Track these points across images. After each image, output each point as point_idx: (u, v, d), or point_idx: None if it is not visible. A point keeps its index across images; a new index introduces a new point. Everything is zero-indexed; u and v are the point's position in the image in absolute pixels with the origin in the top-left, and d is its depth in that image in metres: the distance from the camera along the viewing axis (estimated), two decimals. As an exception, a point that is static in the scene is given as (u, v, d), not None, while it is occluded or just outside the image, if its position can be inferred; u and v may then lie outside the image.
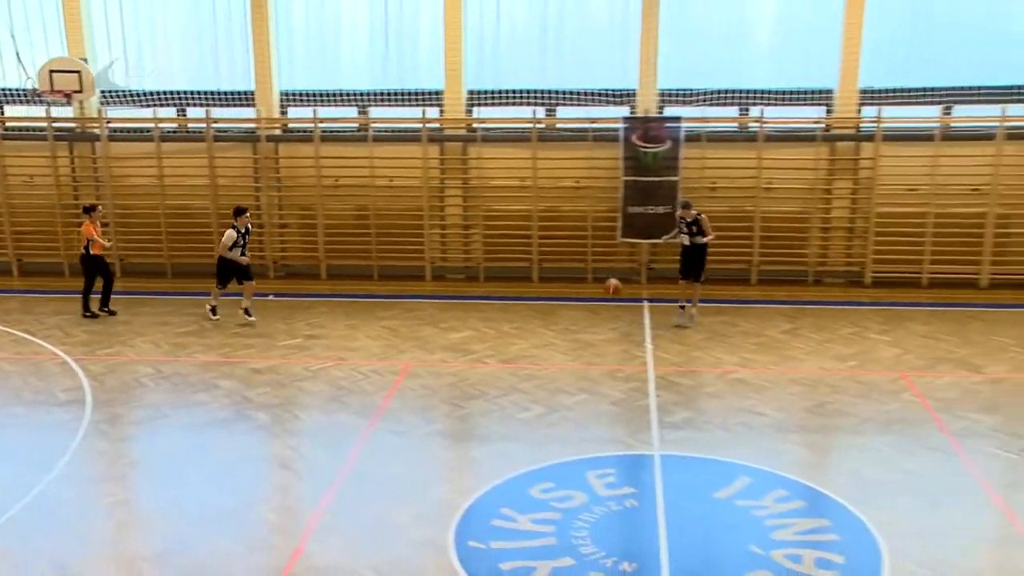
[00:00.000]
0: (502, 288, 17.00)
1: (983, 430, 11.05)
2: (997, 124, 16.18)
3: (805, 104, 16.99)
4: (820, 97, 16.94)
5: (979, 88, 16.47)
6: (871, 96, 16.76)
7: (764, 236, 16.90)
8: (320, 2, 17.76)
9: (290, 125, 18.08)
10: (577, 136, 17.24)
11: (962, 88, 16.52)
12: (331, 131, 17.80)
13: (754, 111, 16.88)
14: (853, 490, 9.66)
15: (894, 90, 16.72)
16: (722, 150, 16.96)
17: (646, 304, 16.11)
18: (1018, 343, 13.84)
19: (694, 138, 16.85)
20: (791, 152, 16.87)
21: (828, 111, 16.92)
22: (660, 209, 16.86)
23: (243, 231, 15.01)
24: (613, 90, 17.19)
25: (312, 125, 17.62)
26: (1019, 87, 16.46)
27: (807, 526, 9.04)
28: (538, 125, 17.24)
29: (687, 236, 14.44)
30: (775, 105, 16.85)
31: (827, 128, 16.84)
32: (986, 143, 16.32)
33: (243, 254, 15.07)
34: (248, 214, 15.12)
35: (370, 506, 9.37)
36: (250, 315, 15.23)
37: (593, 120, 17.18)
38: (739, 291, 16.55)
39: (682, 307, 14.83)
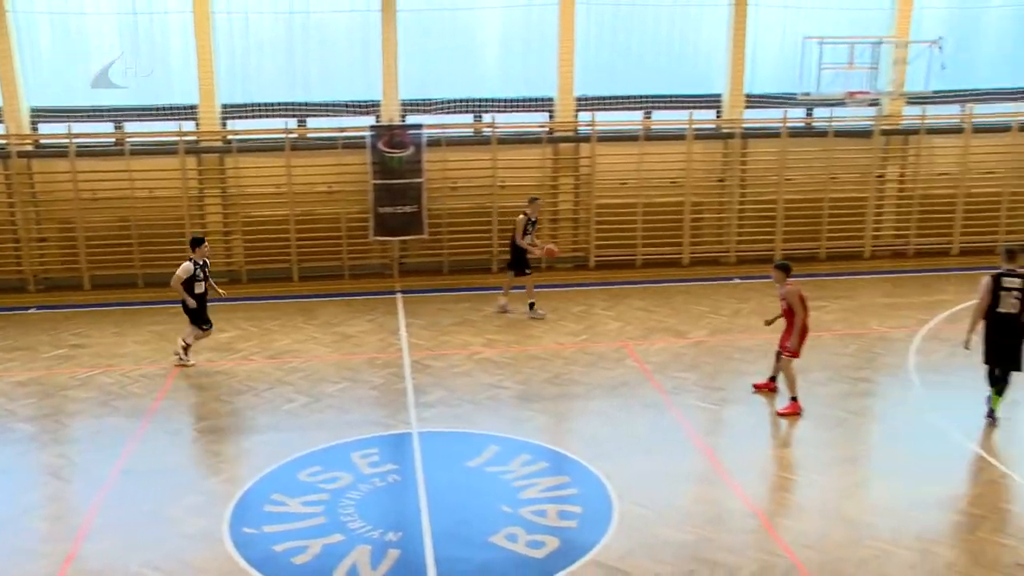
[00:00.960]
0: (265, 288, 16.51)
1: (689, 386, 11.86)
2: (687, 126, 17.34)
3: (530, 110, 17.53)
4: (543, 104, 17.52)
5: (673, 96, 17.57)
6: (586, 103, 17.52)
7: (501, 229, 17.31)
8: (65, 25, 16.46)
9: (43, 141, 16.70)
10: (328, 144, 16.98)
11: (659, 96, 17.57)
12: (87, 146, 16.59)
13: (487, 117, 17.24)
14: (587, 448, 10.11)
15: (605, 97, 17.57)
16: (460, 153, 17.21)
17: (399, 296, 16.10)
18: (712, 311, 14.92)
19: (435, 143, 17.00)
20: (521, 153, 17.37)
21: (550, 116, 17.53)
22: (408, 208, 16.90)
23: (201, 263, 12.45)
24: (359, 101, 17.05)
25: (67, 141, 16.36)
26: (704, 96, 17.70)
27: (549, 484, 9.37)
28: (291, 135, 16.83)
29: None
30: (505, 112, 17.28)
31: (550, 131, 17.45)
32: (679, 142, 17.45)
33: (206, 291, 12.50)
34: (207, 245, 12.61)
35: (143, 504, 8.87)
36: (186, 357, 12.68)
37: (342, 129, 16.97)
38: (483, 279, 16.86)
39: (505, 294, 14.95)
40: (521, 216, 14.55)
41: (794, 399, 10.97)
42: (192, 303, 12.40)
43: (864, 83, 16.58)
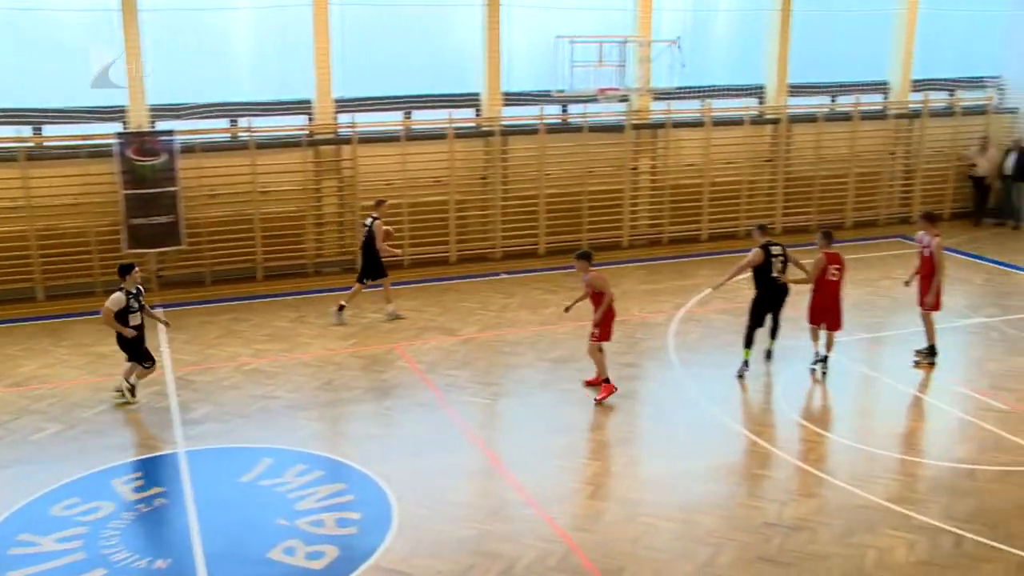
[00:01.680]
0: (5, 311, 15.08)
1: (461, 383, 11.99)
2: (447, 126, 17.52)
3: (289, 113, 17.09)
4: (301, 107, 17.13)
5: (433, 96, 17.70)
6: (345, 104, 17.30)
7: (265, 235, 16.77)
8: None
9: None
10: (70, 154, 15.77)
11: (419, 96, 17.64)
12: None
13: (243, 122, 16.63)
14: (363, 453, 10.00)
15: (364, 99, 17.41)
16: (217, 159, 16.50)
17: (160, 311, 15.25)
18: (482, 307, 15.17)
19: (189, 149, 16.20)
20: (281, 157, 16.88)
21: (309, 119, 17.17)
22: (163, 218, 16.01)
23: (134, 292, 11.09)
24: (103, 107, 15.94)
25: None
26: (463, 95, 17.95)
27: (326, 492, 9.19)
28: (25, 144, 15.49)
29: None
30: (262, 115, 16.74)
31: (310, 134, 17.09)
32: (441, 142, 17.61)
33: (141, 323, 11.09)
34: (138, 270, 11.23)
35: None
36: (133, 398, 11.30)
37: (85, 137, 15.81)
38: (246, 288, 16.27)
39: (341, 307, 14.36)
40: (378, 221, 14.11)
41: (606, 381, 11.35)
42: (130, 333, 10.98)
43: (614, 80, 17.40)
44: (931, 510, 8.80)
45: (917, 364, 12.42)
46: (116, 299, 10.92)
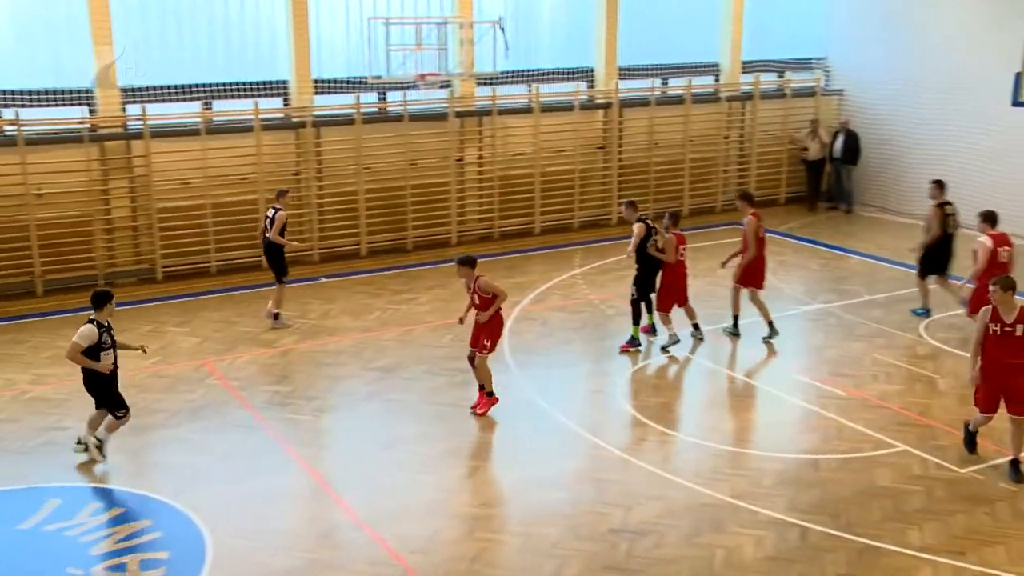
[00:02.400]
0: None
1: (280, 399, 11.72)
2: (252, 117, 17.07)
3: (66, 104, 16.17)
4: (82, 97, 16.26)
5: (235, 84, 17.20)
6: (134, 94, 16.55)
7: (45, 244, 15.84)
8: None
9: None
10: None
11: (220, 84, 17.10)
12: None
13: (8, 112, 15.61)
14: (170, 483, 9.62)
15: (156, 88, 16.71)
16: (-21, 157, 15.46)
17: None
18: (300, 315, 14.87)
19: (-55, 147, 15.11)
20: (59, 155, 15.99)
21: (91, 111, 16.33)
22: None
23: (107, 325, 9.91)
24: None
25: None
26: (270, 82, 17.53)
27: (128, 531, 8.79)
28: None
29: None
30: (33, 106, 15.78)
31: (93, 128, 16.26)
32: (247, 134, 17.14)
33: (116, 363, 9.97)
34: (113, 302, 10.09)
35: None
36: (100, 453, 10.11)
37: None
38: (24, 305, 15.33)
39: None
40: (282, 212, 14.06)
41: (490, 394, 11.30)
42: (105, 368, 9.86)
43: (434, 65, 17.44)
44: (777, 504, 9.26)
45: (767, 340, 13.36)
46: (86, 333, 9.74)
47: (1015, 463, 9.73)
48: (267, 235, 14.23)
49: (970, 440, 10.22)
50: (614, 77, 20.29)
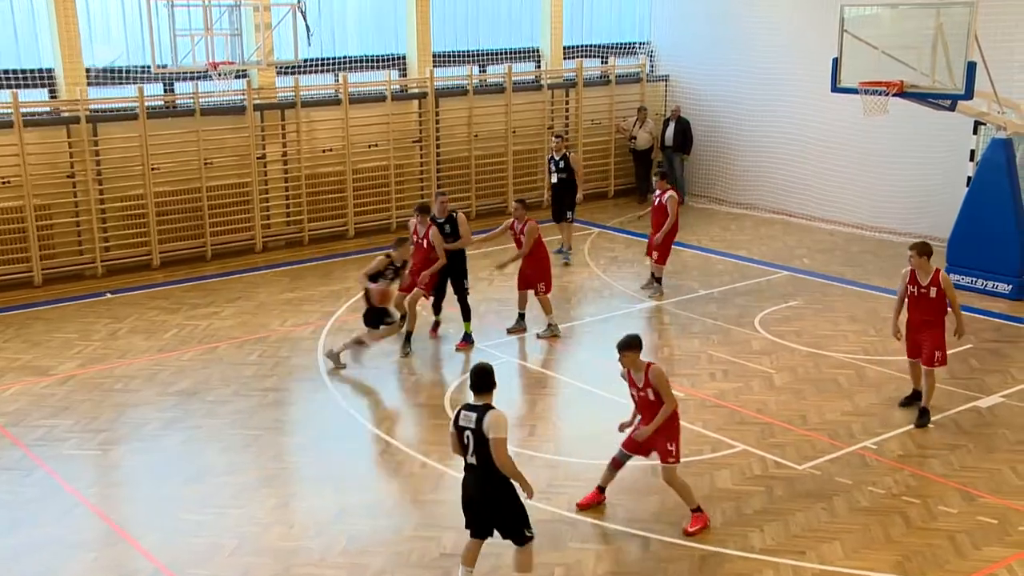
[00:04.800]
0: None
1: (60, 434, 11.17)
2: (11, 110, 16.16)
3: None
4: None
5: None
6: None
7: None
8: None
9: None
10: None
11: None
12: None
13: None
14: (-73, 540, 8.99)
15: None
16: None
17: None
18: (82, 336, 14.23)
19: None
20: None
21: None
22: None
23: None
24: None
25: None
26: (32, 70, 16.70)
27: None
28: None
29: None
30: None
31: None
32: (8, 132, 16.21)
33: None
34: None
35: None
36: None
37: None
38: None
39: None
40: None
41: (698, 509, 9.45)
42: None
43: (227, 52, 17.01)
44: (617, 515, 9.49)
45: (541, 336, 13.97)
46: None
47: (924, 411, 11.37)
48: None
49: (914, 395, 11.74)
50: (428, 64, 20.38)
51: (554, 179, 17.79)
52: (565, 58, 22.46)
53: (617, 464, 9.64)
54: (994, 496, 9.76)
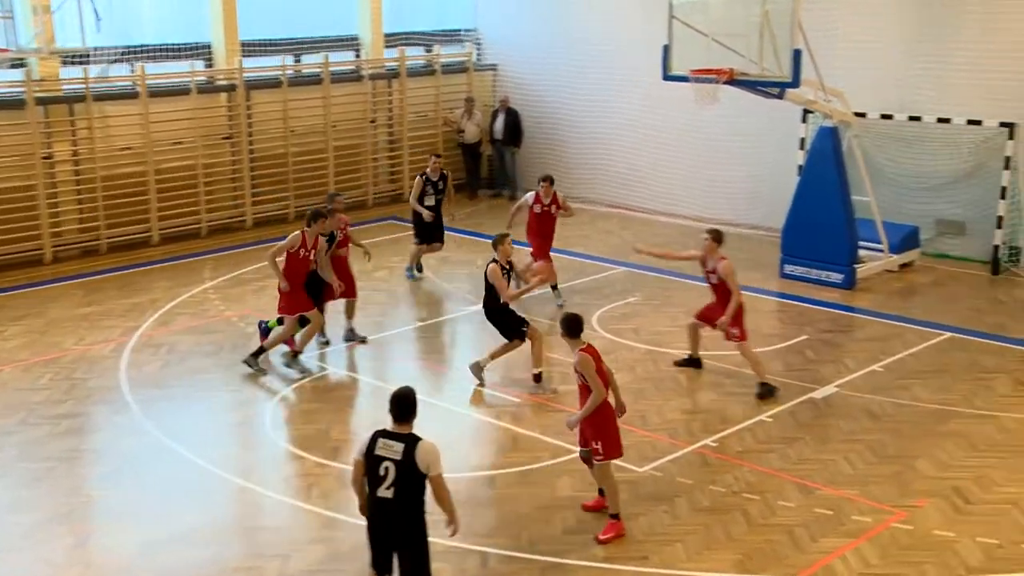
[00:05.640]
0: None
1: None
2: None
3: None
4: None
5: None
6: None
7: None
8: None
9: None
10: None
11: None
12: None
13: None
14: None
15: None
16: None
17: None
18: None
19: None
20: None
21: None
22: None
23: None
24: None
25: None
26: None
27: None
28: None
29: None
30: None
31: None
32: None
33: None
34: None
35: None
36: None
37: None
38: None
39: None
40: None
41: (615, 516, 9.55)
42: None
43: (1, 39, 16.25)
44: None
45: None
46: None
47: (761, 384, 12.31)
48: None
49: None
50: (237, 54, 19.96)
51: (431, 201, 16.76)
52: (386, 46, 22.38)
53: (586, 462, 9.73)
54: (829, 487, 10.22)
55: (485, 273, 12.55)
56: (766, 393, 12.24)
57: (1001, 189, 16.86)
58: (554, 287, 15.70)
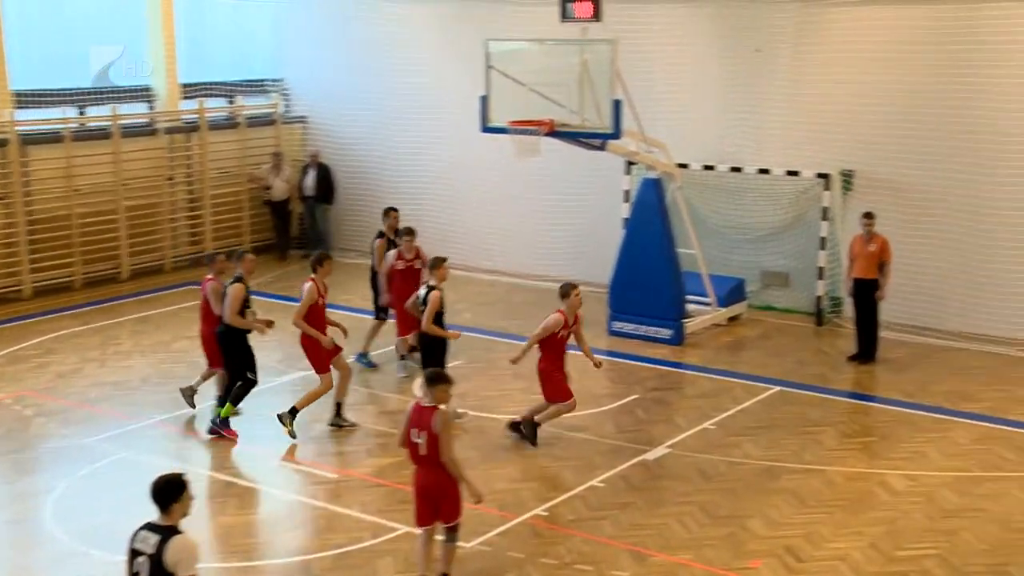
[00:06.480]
0: None
1: None
2: None
3: None
4: None
5: None
6: None
7: None
8: None
9: None
10: None
11: None
12: None
13: None
14: None
15: None
16: None
17: None
18: None
19: None
20: None
21: None
22: None
23: None
24: None
25: None
26: None
27: None
28: None
29: None
30: None
31: None
32: None
33: None
34: None
35: None
36: None
37: None
38: None
39: None
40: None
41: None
42: None
43: None
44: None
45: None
46: None
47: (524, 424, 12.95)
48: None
49: (532, 431, 12.85)
50: (9, 105, 19.23)
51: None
52: (184, 97, 22.00)
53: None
54: (663, 553, 10.41)
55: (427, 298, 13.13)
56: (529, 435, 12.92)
57: (820, 239, 17.71)
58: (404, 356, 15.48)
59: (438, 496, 9.41)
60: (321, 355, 13.30)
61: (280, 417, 13.10)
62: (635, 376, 15.57)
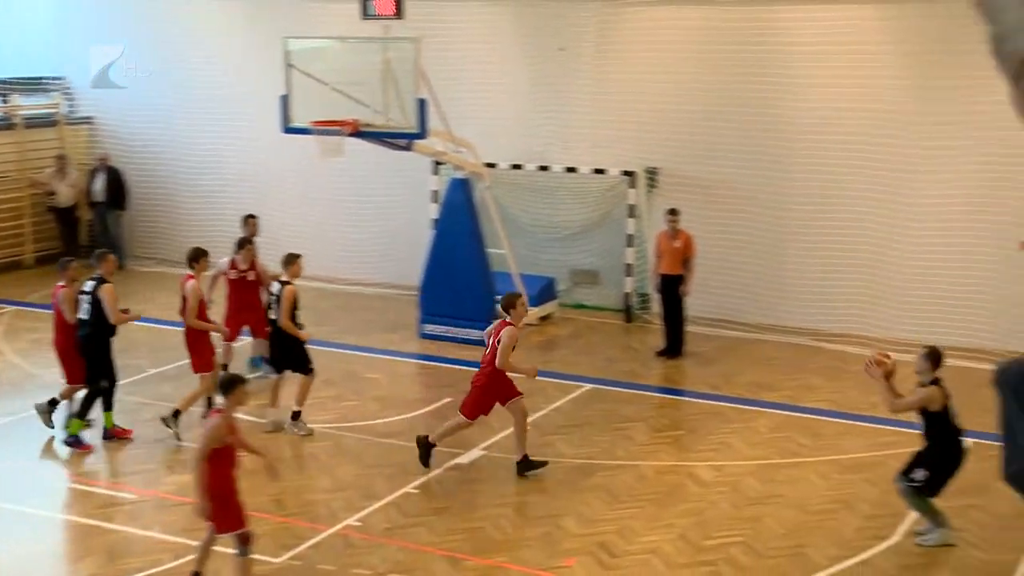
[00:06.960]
0: None
1: None
2: None
3: None
4: None
5: None
6: None
7: None
8: None
9: None
10: None
11: None
12: None
13: None
14: None
15: None
16: None
17: None
18: None
19: None
20: None
21: None
22: None
23: None
24: None
25: None
26: None
27: None
28: None
29: None
30: None
31: None
32: None
33: None
34: None
35: None
36: None
37: None
38: None
39: None
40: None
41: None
42: None
43: None
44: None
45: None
46: None
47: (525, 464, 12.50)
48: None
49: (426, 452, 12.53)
50: None
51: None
52: (-52, 97, 21.18)
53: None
54: (478, 557, 10.69)
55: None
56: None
57: (628, 237, 18.35)
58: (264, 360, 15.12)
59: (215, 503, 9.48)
60: (205, 355, 13.51)
61: (164, 420, 13.19)
62: (448, 378, 15.80)
